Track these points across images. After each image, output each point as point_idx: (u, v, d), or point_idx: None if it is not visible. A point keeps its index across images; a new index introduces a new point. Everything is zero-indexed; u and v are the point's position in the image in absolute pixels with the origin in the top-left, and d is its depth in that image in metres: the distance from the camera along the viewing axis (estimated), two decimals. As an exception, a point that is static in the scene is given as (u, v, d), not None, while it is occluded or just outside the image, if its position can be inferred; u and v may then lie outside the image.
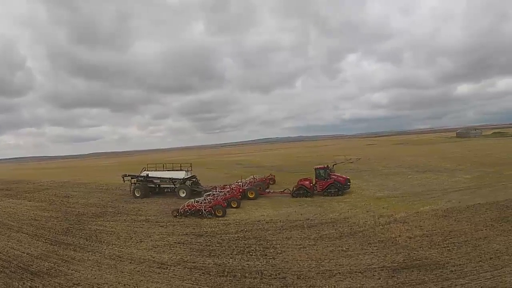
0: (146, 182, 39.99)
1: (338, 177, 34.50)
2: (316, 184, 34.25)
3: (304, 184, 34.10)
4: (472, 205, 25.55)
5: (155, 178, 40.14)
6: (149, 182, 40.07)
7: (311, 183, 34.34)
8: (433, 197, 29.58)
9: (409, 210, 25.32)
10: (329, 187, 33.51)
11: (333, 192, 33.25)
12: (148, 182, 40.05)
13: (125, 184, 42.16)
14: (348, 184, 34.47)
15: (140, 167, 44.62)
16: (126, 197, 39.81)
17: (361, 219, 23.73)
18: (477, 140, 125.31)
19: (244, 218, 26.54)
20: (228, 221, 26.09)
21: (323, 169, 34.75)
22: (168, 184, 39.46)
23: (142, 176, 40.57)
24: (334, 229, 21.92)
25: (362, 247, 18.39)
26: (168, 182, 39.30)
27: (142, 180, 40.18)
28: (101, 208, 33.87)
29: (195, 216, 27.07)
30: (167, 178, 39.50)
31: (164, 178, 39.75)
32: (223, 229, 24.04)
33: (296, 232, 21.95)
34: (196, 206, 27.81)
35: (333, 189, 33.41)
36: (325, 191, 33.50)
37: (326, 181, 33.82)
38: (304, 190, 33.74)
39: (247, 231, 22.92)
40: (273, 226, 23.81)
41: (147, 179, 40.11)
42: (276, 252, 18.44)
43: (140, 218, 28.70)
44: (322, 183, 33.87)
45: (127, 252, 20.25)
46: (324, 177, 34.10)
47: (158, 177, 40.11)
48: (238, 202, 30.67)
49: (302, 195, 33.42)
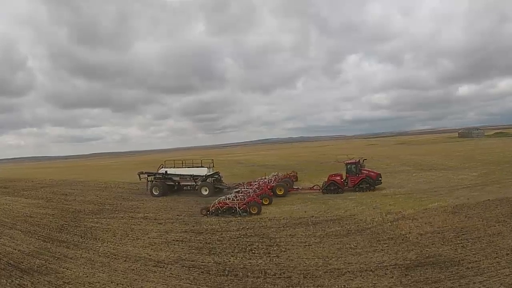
0: (164, 179, 38.14)
1: (369, 172, 33.49)
2: (347, 180, 33.09)
3: (335, 180, 32.82)
4: (481, 201, 24.54)
5: (175, 175, 38.34)
6: (168, 180, 38.27)
7: (342, 179, 33.16)
8: (440, 194, 28.58)
9: (417, 207, 24.27)
10: (361, 182, 32.42)
11: (365, 187, 32.19)
12: (167, 180, 38.22)
13: (124, 182, 41.24)
14: (379, 180, 33.16)
15: (141, 168, 43.56)
16: (125, 194, 38.82)
17: (368, 216, 22.63)
18: (480, 140, 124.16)
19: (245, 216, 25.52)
20: (229, 218, 25.03)
21: (354, 163, 33.57)
22: (189, 182, 37.74)
23: (160, 173, 38.60)
24: (340, 226, 20.83)
25: (371, 244, 17.28)
26: (189, 179, 37.66)
27: (161, 178, 38.21)
28: (99, 206, 32.88)
29: (227, 215, 25.32)
30: (188, 175, 37.68)
31: (184, 175, 37.90)
32: (223, 226, 22.95)
33: (300, 229, 20.86)
34: (229, 204, 26.06)
35: (365, 184, 32.35)
36: (357, 186, 32.36)
37: (358, 176, 32.70)
38: (335, 186, 32.47)
39: (249, 229, 21.84)
40: (276, 223, 22.72)
41: (165, 176, 38.24)
42: (280, 250, 17.33)
43: (138, 216, 27.70)
44: (354, 178, 32.69)
45: (122, 250, 19.23)
46: (355, 172, 32.97)
47: (178, 174, 38.31)
48: (270, 199, 29.28)
49: (333, 191, 32.09)
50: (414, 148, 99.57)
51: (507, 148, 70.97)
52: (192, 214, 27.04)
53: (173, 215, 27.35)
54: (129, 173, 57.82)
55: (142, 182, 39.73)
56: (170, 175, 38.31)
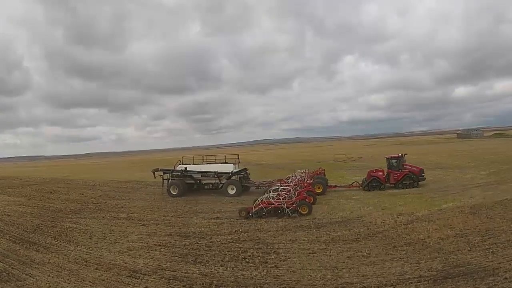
0: (183, 177, 34.00)
1: (412, 167, 31.23)
2: (389, 176, 30.77)
3: (378, 176, 30.56)
4: (499, 200, 22.27)
5: (195, 172, 34.05)
6: (187, 178, 34.08)
7: (384, 175, 30.90)
8: (452, 194, 26.19)
9: (431, 208, 21.73)
10: (404, 178, 30.18)
11: (408, 184, 29.99)
12: (186, 178, 34.07)
13: (113, 181, 38.75)
14: (422, 175, 30.91)
15: (133, 166, 41.19)
16: (112, 193, 36.45)
17: (378, 218, 19.98)
18: (480, 140, 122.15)
19: (238, 215, 22.90)
20: (221, 219, 22.46)
21: (395, 158, 31.30)
22: (212, 180, 33.73)
23: (178, 170, 34.29)
24: (347, 230, 18.12)
25: (386, 251, 14.58)
26: (212, 176, 33.61)
27: (179, 175, 34.01)
28: (81, 204, 30.53)
29: (272, 216, 22.02)
30: (211, 172, 33.52)
31: (207, 172, 33.75)
32: (214, 229, 20.27)
33: (302, 233, 18.12)
34: (276, 204, 22.65)
35: (408, 180, 30.13)
36: (400, 183, 30.10)
37: (401, 172, 30.45)
38: (377, 182, 30.22)
39: (243, 232, 19.15)
40: (274, 226, 20.01)
41: (184, 174, 34.02)
42: (279, 259, 14.53)
43: (121, 216, 25.20)
44: (397, 174, 30.41)
45: (96, 255, 16.58)
46: (397, 168, 30.73)
47: (200, 171, 34.05)
48: (314, 197, 25.93)
49: (375, 188, 29.88)
50: (414, 148, 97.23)
51: (510, 148, 68.93)
52: (180, 215, 24.62)
53: (159, 215, 24.89)
54: (120, 172, 57.27)
55: (133, 180, 37.27)
56: (190, 172, 34.03)
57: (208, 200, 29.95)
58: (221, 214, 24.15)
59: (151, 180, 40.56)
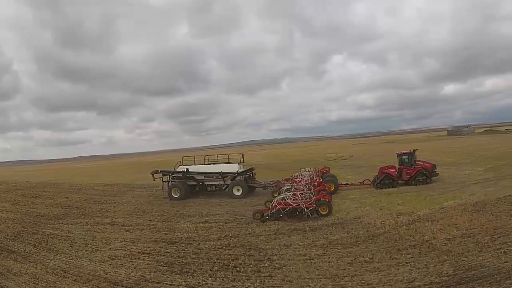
0: (185, 179, 32.42)
1: (424, 163, 30.71)
2: (402, 172, 30.00)
3: (390, 173, 29.85)
4: (502, 197, 21.41)
5: (198, 173, 32.53)
6: (189, 179, 32.47)
7: (396, 171, 30.20)
8: (452, 191, 25.33)
9: (432, 206, 20.81)
10: (417, 174, 29.49)
11: (421, 180, 29.32)
12: (188, 179, 32.49)
13: (100, 184, 37.66)
14: (435, 171, 30.35)
15: (122, 170, 39.91)
16: (97, 197, 35.43)
17: (377, 219, 18.94)
18: (471, 137, 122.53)
19: (227, 219, 21.85)
20: (209, 223, 21.27)
21: (407, 154, 30.69)
22: (216, 181, 32.20)
23: (179, 171, 32.70)
24: (345, 232, 17.03)
25: (390, 255, 13.50)
26: (217, 177, 32.14)
27: (180, 177, 32.42)
28: (65, 209, 29.46)
29: (290, 218, 20.59)
30: (215, 173, 32.12)
31: (211, 173, 32.35)
32: (202, 234, 19.07)
33: (296, 237, 16.99)
34: (294, 204, 21.11)
35: (421, 176, 29.48)
36: (413, 179, 29.39)
37: (414, 168, 29.76)
38: (390, 179, 29.48)
39: (233, 237, 17.97)
40: (266, 229, 18.85)
41: (186, 175, 32.44)
42: (274, 267, 13.35)
43: (105, 221, 24.06)
44: (410, 170, 29.72)
45: (76, 265, 15.39)
46: (409, 164, 30.09)
47: (203, 172, 32.56)
48: (330, 196, 24.70)
49: (388, 185, 29.14)
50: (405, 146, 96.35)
51: (503, 144, 68.74)
52: (167, 219, 23.47)
53: (145, 220, 23.69)
54: (107, 175, 57.04)
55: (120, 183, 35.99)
56: (192, 173, 32.49)
57: (196, 202, 28.90)
58: (209, 217, 23.03)
59: (138, 182, 39.73)
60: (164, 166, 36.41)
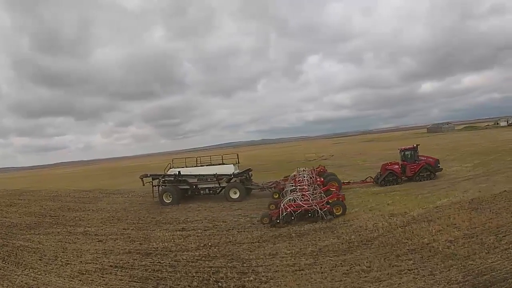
0: (177, 182, 30.98)
1: (427, 158, 30.54)
2: (405, 168, 29.59)
3: (394, 169, 29.38)
4: (498, 193, 20.99)
5: (191, 176, 31.14)
6: (182, 183, 31.05)
7: (399, 168, 29.79)
8: (442, 188, 24.80)
9: (425, 205, 20.03)
10: (421, 170, 29.24)
11: (426, 176, 29.11)
12: (180, 183, 31.05)
13: (76, 190, 37.22)
14: (438, 166, 30.21)
15: (101, 175, 38.19)
16: (72, 204, 34.79)
17: (368, 221, 17.93)
18: (452, 134, 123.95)
19: (206, 225, 20.65)
20: (187, 230, 19.99)
21: (410, 149, 30.51)
22: (210, 183, 30.78)
23: (171, 175, 31.25)
24: (335, 238, 15.89)
25: (390, 262, 12.38)
26: (211, 180, 30.72)
27: (172, 181, 31.00)
28: (39, 218, 28.65)
29: (301, 220, 19.23)
30: (209, 175, 30.67)
31: (205, 175, 30.89)
32: (179, 243, 17.78)
33: (282, 244, 15.77)
34: (306, 206, 19.65)
35: (425, 172, 29.27)
36: (417, 175, 29.11)
37: (417, 163, 29.51)
38: (393, 176, 29.09)
39: (212, 246, 16.69)
40: (248, 237, 17.62)
41: (178, 178, 31.01)
42: (260, 281, 12.05)
43: (78, 230, 22.99)
44: (414, 166, 29.45)
45: (44, 281, 14.29)
46: (413, 159, 29.94)
47: (196, 175, 31.14)
48: (343, 195, 23.18)
49: (392, 182, 28.73)
50: (385, 144, 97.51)
51: (485, 140, 69.54)
52: (142, 227, 22.30)
53: (119, 228, 22.63)
54: (84, 181, 56.79)
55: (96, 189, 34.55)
56: (185, 176, 31.17)
57: (173, 208, 27.83)
58: (187, 224, 21.91)
59: (114, 188, 39.56)
60: (141, 170, 35.07)
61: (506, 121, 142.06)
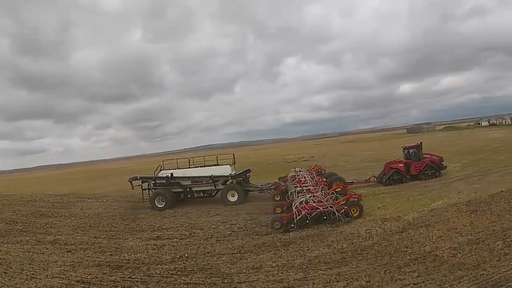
0: (169, 185, 29.45)
1: (431, 156, 30.51)
2: (410, 167, 29.32)
3: (399, 168, 28.99)
4: (495, 194, 20.35)
5: (184, 178, 29.63)
6: (174, 185, 29.56)
7: (404, 166, 29.49)
8: (434, 190, 24.09)
9: (419, 208, 19.07)
10: (426, 168, 29.06)
11: (431, 174, 29.09)
12: (173, 186, 29.56)
13: (51, 195, 37.57)
14: (442, 163, 30.26)
15: (78, 179, 36.40)
16: (45, 209, 32.74)
17: (359, 227, 16.72)
18: (433, 134, 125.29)
19: (182, 233, 19.27)
20: (162, 239, 18.57)
21: (414, 147, 30.35)
22: (206, 186, 29.47)
23: (162, 177, 29.71)
24: (326, 247, 14.59)
25: (391, 275, 11.10)
26: (206, 182, 29.40)
27: (164, 183, 29.43)
28: (9, 225, 27.04)
29: (317, 224, 18.03)
30: (205, 177, 29.27)
31: (200, 177, 29.43)
32: (152, 254, 16.26)
33: (267, 255, 14.41)
34: (321, 207, 18.41)
35: (430, 170, 29.18)
36: (422, 173, 28.89)
37: (422, 161, 29.32)
38: (398, 175, 28.78)
39: (189, 258, 15.22)
40: (228, 246, 16.23)
41: (170, 181, 29.44)
42: (243, 301, 10.75)
43: (47, 239, 21.29)
44: (418, 164, 29.21)
45: None
46: (417, 157, 29.69)
47: (190, 177, 29.62)
48: (359, 195, 22.03)
49: (397, 181, 28.44)
50: (365, 145, 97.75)
51: (468, 140, 70.35)
52: (114, 235, 20.82)
53: (90, 237, 21.03)
54: (60, 185, 56.64)
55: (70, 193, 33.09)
56: (178, 178, 29.60)
57: (148, 214, 26.39)
58: (162, 232, 20.48)
59: (89, 192, 38.51)
60: (118, 173, 33.54)
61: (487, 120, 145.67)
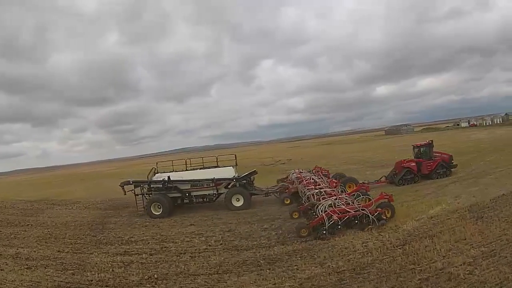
0: (166, 190, 27.27)
1: (442, 154, 30.46)
2: (421, 166, 29.15)
3: (411, 167, 28.73)
4: (496, 197, 19.39)
5: (183, 182, 27.58)
6: (172, 190, 27.41)
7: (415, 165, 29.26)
8: (428, 194, 23.08)
9: (415, 215, 17.70)
10: (437, 167, 29.03)
11: (442, 172, 29.10)
12: (170, 190, 27.39)
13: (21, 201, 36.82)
14: (452, 162, 30.10)
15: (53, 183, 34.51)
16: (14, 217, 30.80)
17: (354, 240, 15.15)
18: (412, 136, 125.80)
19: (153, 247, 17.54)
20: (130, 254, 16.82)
21: (426, 146, 30.29)
22: (207, 190, 27.49)
23: (158, 181, 27.63)
24: (318, 265, 12.90)
25: (402, 302, 9.69)
26: (207, 186, 27.43)
27: (160, 188, 27.28)
28: None
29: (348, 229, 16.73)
30: (206, 180, 27.39)
31: (200, 180, 27.50)
32: (119, 274, 14.32)
33: (249, 276, 12.66)
34: (351, 211, 17.30)
35: (441, 169, 29.16)
36: (434, 172, 28.88)
37: (434, 160, 29.24)
38: (411, 174, 28.59)
39: (160, 279, 13.33)
40: (204, 265, 14.43)
41: (167, 185, 27.28)
42: None
43: (9, 252, 19.23)
44: (430, 163, 29.09)
45: None
46: (429, 156, 29.60)
47: (189, 180, 27.64)
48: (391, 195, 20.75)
49: (410, 181, 28.31)
50: (344, 147, 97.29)
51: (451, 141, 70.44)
52: (79, 249, 18.75)
53: (53, 250, 18.96)
54: (35, 189, 55.40)
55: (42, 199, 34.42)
56: (176, 182, 27.49)
57: (118, 223, 24.45)
58: (130, 246, 18.55)
59: (60, 198, 37.49)
60: (94, 177, 31.64)
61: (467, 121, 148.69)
